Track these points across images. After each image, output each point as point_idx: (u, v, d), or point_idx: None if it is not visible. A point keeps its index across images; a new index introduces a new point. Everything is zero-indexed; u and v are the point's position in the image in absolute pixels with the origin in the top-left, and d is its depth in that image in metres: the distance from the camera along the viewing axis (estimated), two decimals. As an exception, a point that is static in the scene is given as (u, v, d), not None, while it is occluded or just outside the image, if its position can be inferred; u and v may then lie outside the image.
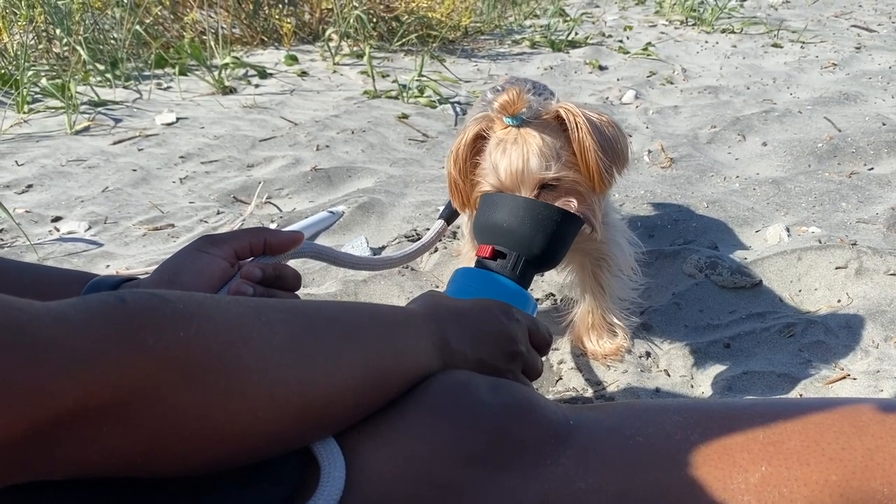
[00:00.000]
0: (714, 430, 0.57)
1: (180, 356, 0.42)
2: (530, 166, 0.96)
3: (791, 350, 1.21)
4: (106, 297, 0.41)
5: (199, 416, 0.43)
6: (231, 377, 0.44)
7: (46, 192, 2.04)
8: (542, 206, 0.91)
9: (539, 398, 0.60)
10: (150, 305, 0.42)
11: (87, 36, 3.21)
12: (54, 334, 0.37)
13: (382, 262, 1.00)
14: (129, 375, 0.39)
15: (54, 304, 0.39)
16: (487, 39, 3.92)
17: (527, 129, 0.98)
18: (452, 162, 1.05)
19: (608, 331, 1.24)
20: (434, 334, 0.63)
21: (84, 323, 0.38)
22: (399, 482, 0.52)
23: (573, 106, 0.99)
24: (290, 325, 0.51)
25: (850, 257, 1.41)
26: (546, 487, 0.54)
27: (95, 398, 0.38)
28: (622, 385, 1.18)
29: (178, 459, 0.44)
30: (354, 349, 0.54)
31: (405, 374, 0.59)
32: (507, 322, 0.73)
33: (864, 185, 1.86)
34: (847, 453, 0.54)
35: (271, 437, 0.48)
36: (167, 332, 0.42)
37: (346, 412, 0.54)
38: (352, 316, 0.57)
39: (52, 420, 0.36)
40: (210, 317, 0.45)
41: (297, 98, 2.89)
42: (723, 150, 2.25)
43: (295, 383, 0.48)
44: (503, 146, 0.98)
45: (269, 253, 0.76)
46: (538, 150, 0.96)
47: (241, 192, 2.00)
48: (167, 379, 0.41)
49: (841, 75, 3.06)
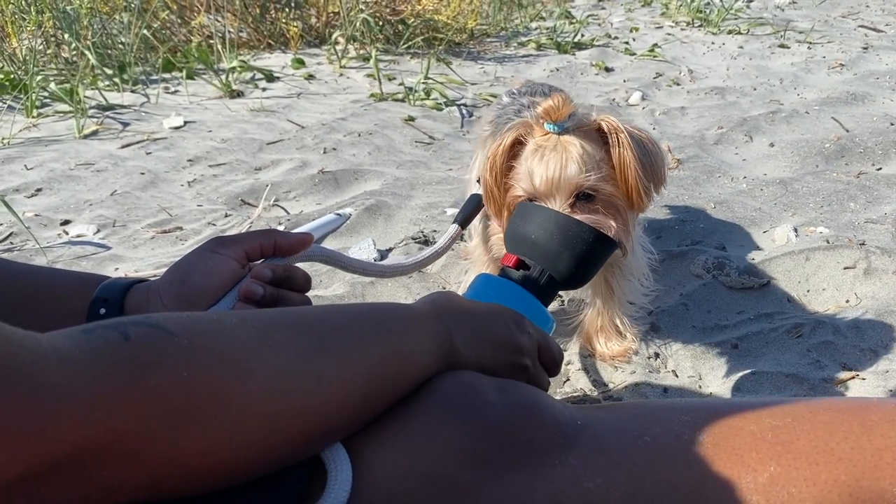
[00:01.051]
0: (722, 430, 0.57)
1: (183, 395, 0.42)
2: (568, 172, 0.93)
3: (799, 350, 1.21)
4: (110, 332, 0.41)
5: (202, 453, 0.43)
6: (234, 410, 0.44)
7: (55, 195, 2.05)
8: (574, 223, 0.87)
9: (546, 398, 0.60)
10: (153, 343, 0.42)
11: (96, 40, 3.23)
12: (57, 378, 0.36)
13: (393, 269, 0.97)
14: (130, 418, 0.39)
15: (60, 339, 0.38)
16: (493, 42, 3.92)
17: (567, 136, 0.95)
18: (489, 168, 1.02)
19: (617, 333, 1.24)
20: (439, 334, 0.63)
21: (88, 365, 0.38)
22: (406, 483, 0.52)
23: (615, 120, 0.96)
24: (297, 344, 0.51)
25: (858, 257, 1.40)
26: (554, 487, 0.54)
27: (95, 442, 0.37)
28: (630, 386, 1.18)
29: (181, 490, 0.44)
30: (359, 361, 0.54)
31: (409, 378, 0.58)
32: (517, 332, 0.71)
33: (873, 185, 1.85)
34: (856, 453, 0.54)
35: (274, 459, 0.48)
36: (171, 373, 0.41)
37: (349, 423, 0.54)
38: (358, 325, 0.57)
39: (48, 464, 0.36)
40: (215, 350, 0.45)
41: (303, 101, 2.90)
42: (730, 151, 2.24)
43: (299, 406, 0.48)
44: (541, 152, 0.95)
45: (278, 254, 0.77)
46: (578, 156, 0.93)
47: (249, 195, 2.01)
48: (169, 419, 0.41)
49: (848, 76, 3.05)
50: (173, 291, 0.68)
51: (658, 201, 1.80)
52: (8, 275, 0.69)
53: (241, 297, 0.68)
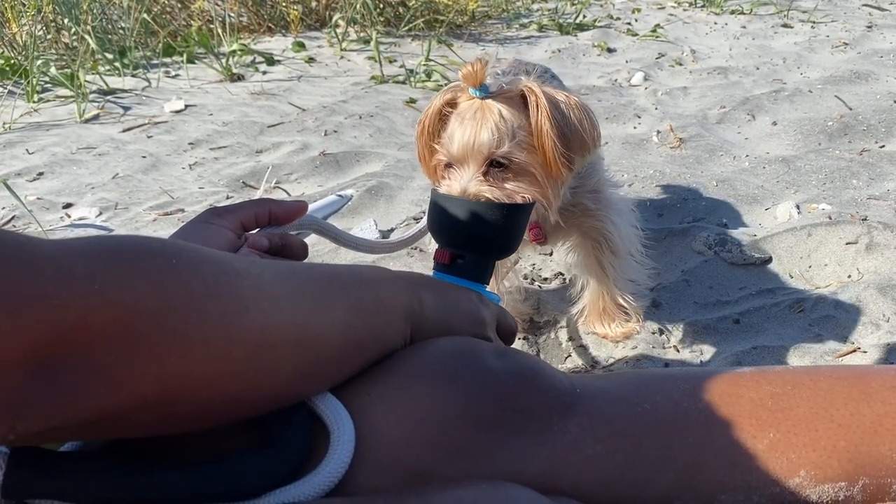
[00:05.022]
0: (722, 398, 0.57)
1: (177, 280, 0.43)
2: (480, 139, 0.92)
3: (801, 325, 1.21)
4: (98, 235, 0.42)
5: (203, 341, 0.43)
6: (227, 302, 0.45)
7: (57, 179, 2.05)
8: (485, 206, 0.87)
9: (545, 366, 0.61)
10: (137, 239, 0.43)
11: (96, 25, 3.22)
12: (54, 252, 0.38)
13: (382, 246, 0.98)
14: (128, 295, 0.39)
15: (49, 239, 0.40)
16: (495, 23, 3.90)
17: (490, 102, 0.93)
18: (419, 131, 1.01)
19: (622, 313, 1.24)
20: (411, 296, 0.63)
21: (82, 247, 0.40)
22: (409, 445, 0.52)
23: (537, 86, 0.93)
24: (276, 269, 0.52)
25: (860, 233, 1.40)
26: (553, 454, 0.54)
27: (97, 316, 0.38)
28: (631, 361, 1.18)
29: (188, 399, 0.44)
30: (338, 291, 0.55)
31: (387, 324, 0.59)
32: (480, 305, 0.74)
33: (876, 162, 1.85)
34: (856, 419, 0.54)
35: (271, 370, 0.48)
36: (162, 261, 0.43)
37: (336, 352, 0.54)
38: (331, 267, 0.59)
39: (56, 337, 0.36)
40: (199, 251, 0.46)
41: (304, 84, 2.89)
42: (732, 130, 2.23)
43: (288, 314, 0.49)
44: (461, 117, 0.94)
45: (274, 223, 0.77)
46: (493, 124, 0.92)
47: (251, 178, 2.01)
48: (166, 301, 0.41)
49: (852, 54, 3.03)
50: None
51: (658, 179, 1.80)
52: None
53: None
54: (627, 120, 2.38)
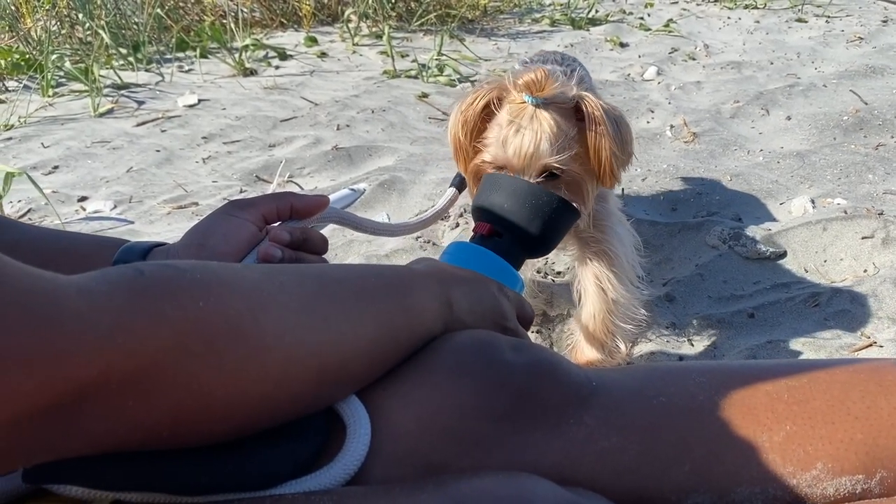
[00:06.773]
0: (738, 391, 0.57)
1: (200, 325, 0.42)
2: (540, 150, 0.92)
3: (816, 319, 1.21)
4: (125, 269, 0.41)
5: (223, 384, 0.43)
6: (250, 343, 0.45)
7: (72, 172, 2.07)
8: (542, 192, 0.89)
9: (561, 359, 0.60)
10: (165, 276, 0.42)
11: (110, 20, 3.23)
12: (79, 305, 0.36)
13: (400, 228, 1.02)
14: (150, 345, 0.39)
15: (77, 276, 0.39)
16: (507, 18, 3.89)
17: (542, 110, 0.94)
18: (460, 125, 1.01)
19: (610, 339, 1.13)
20: (440, 296, 0.63)
21: (106, 295, 0.38)
22: (425, 438, 0.52)
23: (594, 99, 0.94)
24: (303, 288, 0.51)
25: (876, 227, 1.39)
26: (569, 445, 0.54)
27: (118, 369, 0.38)
28: (645, 355, 1.18)
29: (203, 430, 0.45)
30: (365, 308, 0.54)
31: (415, 331, 0.59)
32: (501, 297, 0.73)
33: (891, 156, 1.83)
34: (873, 412, 0.54)
35: (292, 399, 0.49)
36: (185, 302, 0.42)
37: (362, 370, 0.54)
38: (358, 277, 0.57)
39: (75, 391, 0.36)
40: (226, 284, 0.45)
41: (317, 79, 2.90)
42: (746, 125, 2.22)
43: (312, 344, 0.49)
44: (517, 124, 0.94)
45: (295, 217, 0.77)
46: (552, 134, 0.92)
47: (264, 172, 2.01)
48: (188, 348, 0.41)
49: (867, 49, 3.01)
50: (192, 255, 0.68)
51: (672, 173, 1.79)
52: (27, 238, 0.70)
53: (260, 260, 0.69)
54: (641, 114, 2.37)
